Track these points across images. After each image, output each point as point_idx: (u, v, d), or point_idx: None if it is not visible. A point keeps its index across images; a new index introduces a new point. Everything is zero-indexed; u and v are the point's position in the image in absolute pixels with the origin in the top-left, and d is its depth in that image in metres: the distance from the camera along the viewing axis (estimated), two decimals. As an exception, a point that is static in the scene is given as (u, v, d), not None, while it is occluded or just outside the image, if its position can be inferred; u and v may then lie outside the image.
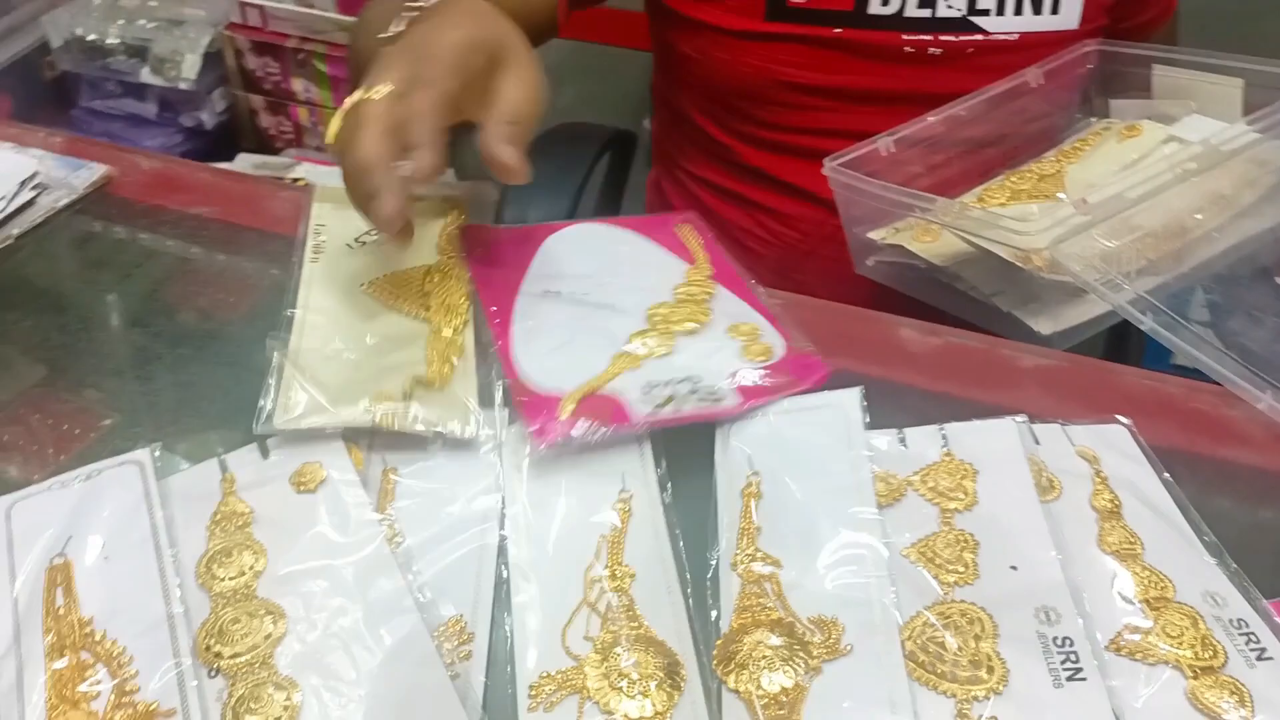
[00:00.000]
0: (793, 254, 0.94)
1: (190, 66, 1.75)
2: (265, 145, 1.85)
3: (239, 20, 1.73)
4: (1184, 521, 0.49)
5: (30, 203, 0.66)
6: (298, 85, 1.76)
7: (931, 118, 0.80)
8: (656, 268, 0.64)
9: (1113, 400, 0.57)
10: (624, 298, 0.60)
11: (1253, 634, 0.43)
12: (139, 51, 1.78)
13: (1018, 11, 0.86)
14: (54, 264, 0.68)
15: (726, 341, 0.57)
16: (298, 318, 0.57)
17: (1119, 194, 0.66)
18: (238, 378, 0.63)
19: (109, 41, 1.78)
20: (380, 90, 0.53)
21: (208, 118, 1.83)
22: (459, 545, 0.47)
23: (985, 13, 0.85)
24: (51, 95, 1.90)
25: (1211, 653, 0.42)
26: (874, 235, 0.81)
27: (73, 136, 0.75)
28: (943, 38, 0.85)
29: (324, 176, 1.13)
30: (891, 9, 0.84)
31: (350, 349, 0.55)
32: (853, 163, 0.77)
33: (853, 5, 0.84)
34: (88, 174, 0.69)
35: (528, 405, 0.51)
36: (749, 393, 0.53)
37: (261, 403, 0.50)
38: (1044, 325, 0.69)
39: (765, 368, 0.55)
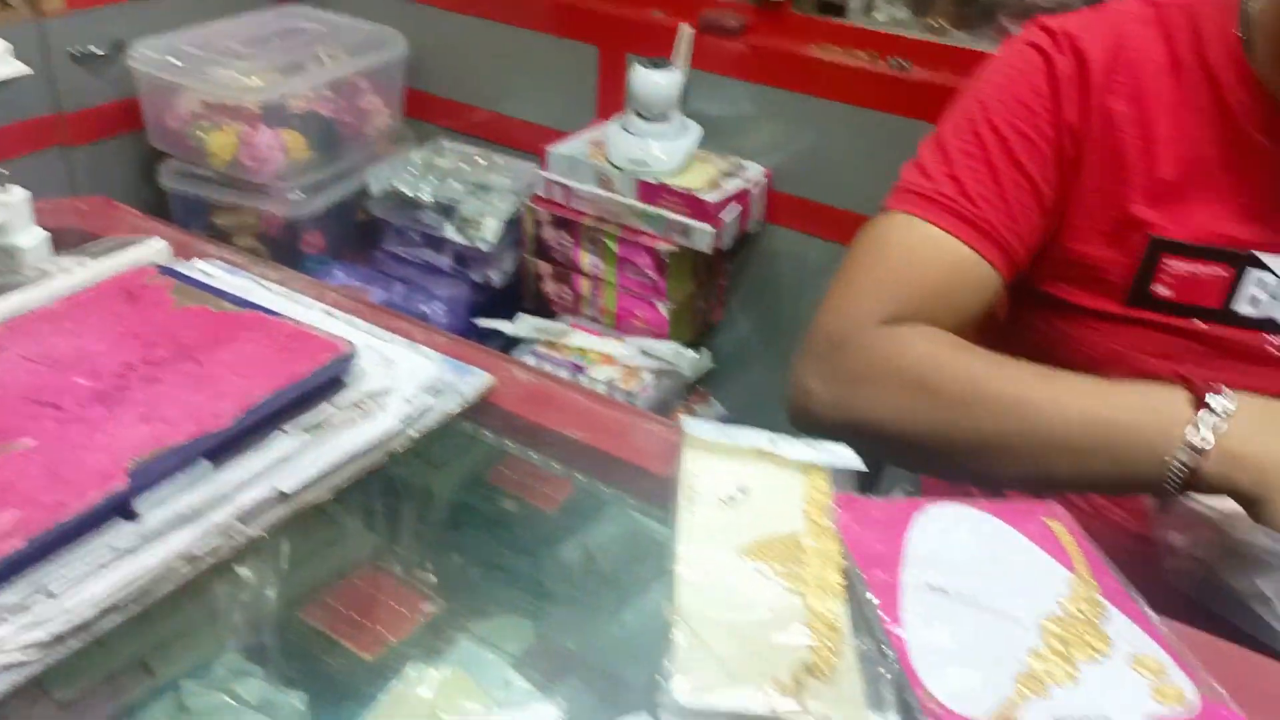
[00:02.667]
0: (1120, 534, 0.90)
1: (491, 230, 1.88)
2: (543, 308, 1.94)
3: (543, 194, 1.85)
4: None
5: (428, 406, 0.70)
6: (585, 259, 1.85)
7: None
8: (1036, 570, 0.62)
9: None
10: (1011, 603, 0.58)
11: None
12: (445, 209, 1.93)
13: None
14: (426, 464, 0.72)
15: (1132, 677, 0.54)
16: (680, 575, 0.58)
17: None
18: (619, 629, 0.64)
19: (421, 197, 1.93)
20: None
21: (496, 276, 1.95)
22: None
23: None
24: (360, 236, 2.07)
25: None
26: (1176, 541, 0.77)
27: (452, 337, 0.81)
28: None
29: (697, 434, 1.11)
30: (1260, 312, 0.82)
31: (736, 618, 0.55)
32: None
33: (1220, 304, 0.82)
34: (475, 382, 0.73)
35: (946, 734, 0.49)
36: (1174, 752, 0.49)
37: (664, 671, 0.51)
38: None
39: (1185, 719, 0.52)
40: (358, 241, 2.07)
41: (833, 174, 1.78)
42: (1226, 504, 0.73)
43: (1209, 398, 0.68)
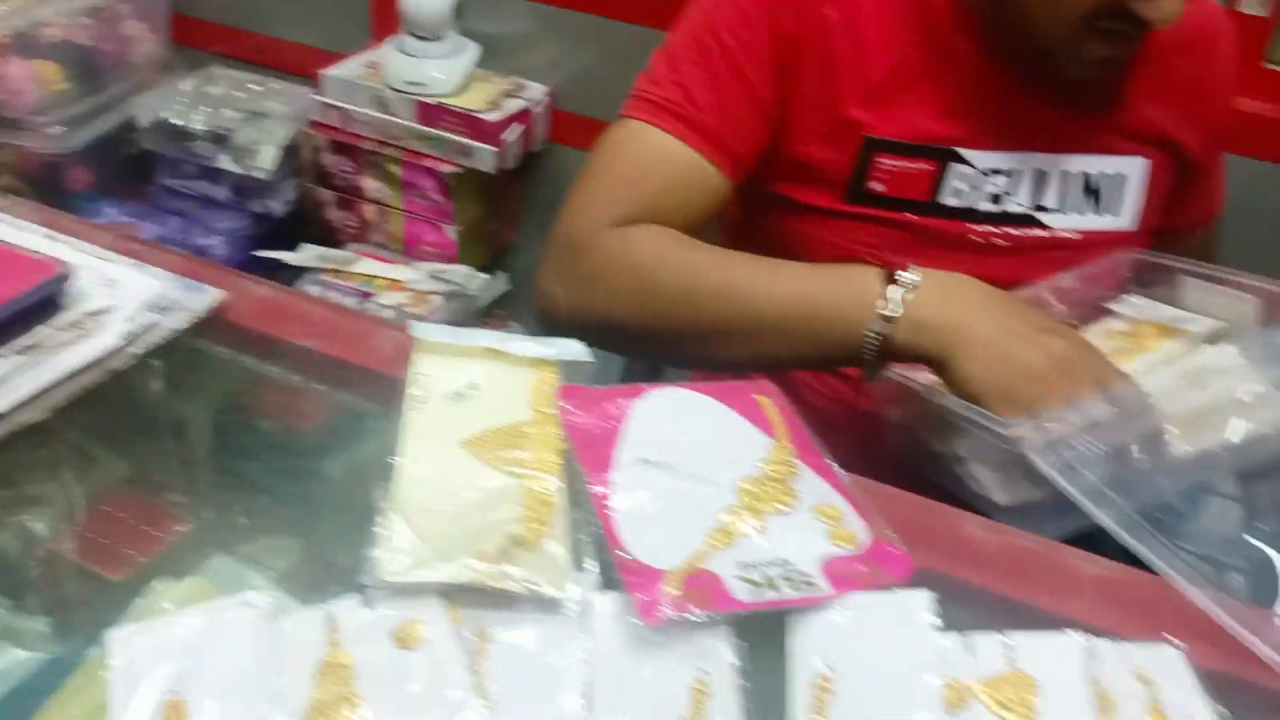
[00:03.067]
0: (852, 411, 0.98)
1: (267, 157, 1.83)
2: (328, 238, 1.91)
3: (320, 119, 1.80)
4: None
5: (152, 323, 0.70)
6: (368, 184, 1.83)
7: None
8: (740, 439, 0.67)
9: (1165, 617, 0.60)
10: (712, 469, 0.63)
11: None
12: (219, 138, 1.86)
13: (1079, 212, 0.91)
14: (166, 384, 0.72)
15: (813, 524, 0.60)
16: (400, 467, 0.60)
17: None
18: (336, 519, 0.66)
19: (192, 127, 1.86)
20: None
21: (277, 206, 1.90)
22: (547, 714, 0.50)
23: (1049, 210, 0.90)
24: (131, 171, 1.98)
25: None
26: (892, 415, 0.85)
27: (187, 256, 0.80)
28: (1009, 231, 0.90)
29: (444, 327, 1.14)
30: (963, 202, 0.90)
31: (450, 503, 0.58)
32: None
33: (927, 195, 0.89)
34: (205, 298, 0.73)
35: (633, 582, 0.54)
36: (839, 581, 0.55)
37: (369, 553, 0.53)
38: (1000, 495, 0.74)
39: (852, 557, 0.58)
40: (130, 176, 1.98)
41: (614, 92, 1.79)
42: (928, 377, 0.80)
43: (897, 274, 0.75)
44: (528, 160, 1.84)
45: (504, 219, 1.94)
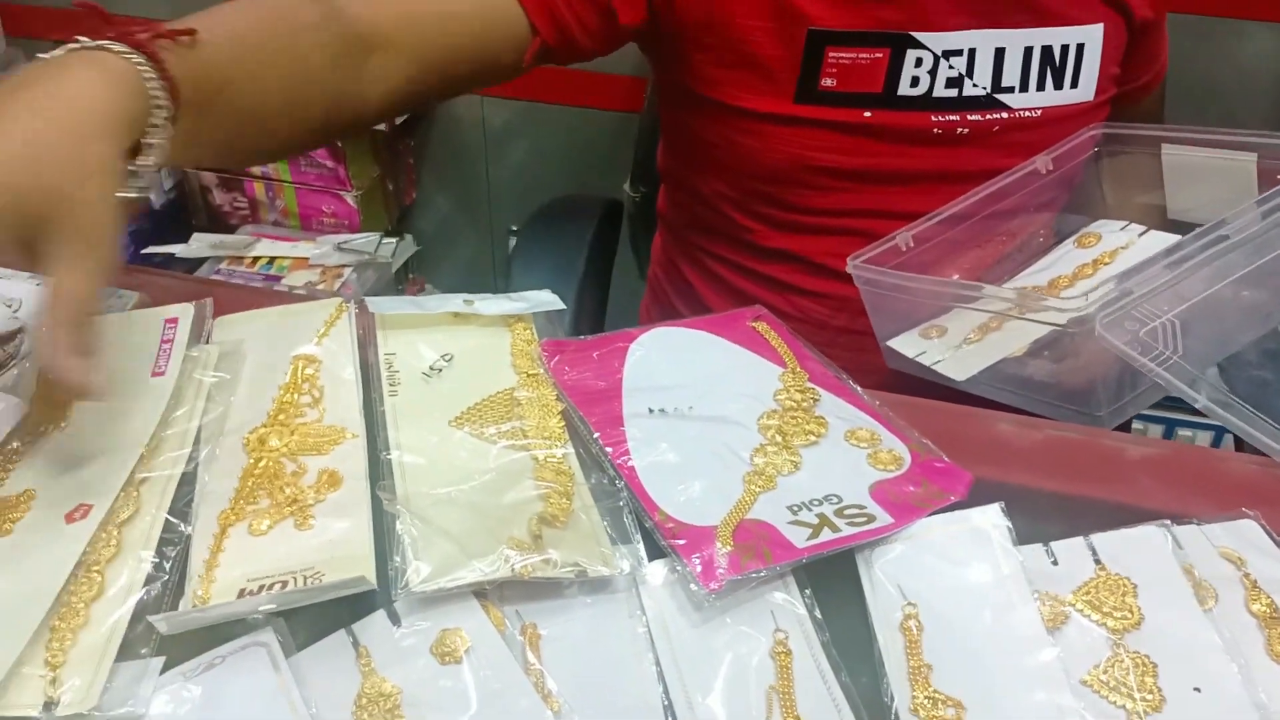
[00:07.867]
0: (826, 329, 0.93)
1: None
2: (219, 223, 1.79)
3: (188, 97, 1.67)
4: (1337, 619, 0.48)
5: None
6: (253, 160, 1.70)
7: (948, 210, 0.81)
8: (748, 372, 0.62)
9: (1223, 487, 0.57)
10: (728, 408, 0.58)
11: None
12: (80, 132, 1.71)
13: (1040, 88, 0.86)
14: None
15: (849, 450, 0.56)
16: (395, 460, 0.54)
17: (1156, 269, 0.66)
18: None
19: (47, 123, 1.70)
20: None
21: (155, 197, 1.76)
22: (623, 707, 0.44)
23: (1010, 90, 0.86)
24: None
25: None
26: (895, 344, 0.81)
27: None
28: (970, 117, 0.85)
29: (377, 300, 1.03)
30: (920, 90, 0.84)
31: (460, 490, 0.52)
32: (874, 258, 0.79)
33: (882, 87, 0.84)
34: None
35: (684, 546, 0.48)
36: (899, 510, 0.51)
37: (394, 565, 0.47)
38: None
39: (900, 478, 0.53)
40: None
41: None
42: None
43: None
44: (419, 114, 1.74)
45: (403, 179, 1.83)
